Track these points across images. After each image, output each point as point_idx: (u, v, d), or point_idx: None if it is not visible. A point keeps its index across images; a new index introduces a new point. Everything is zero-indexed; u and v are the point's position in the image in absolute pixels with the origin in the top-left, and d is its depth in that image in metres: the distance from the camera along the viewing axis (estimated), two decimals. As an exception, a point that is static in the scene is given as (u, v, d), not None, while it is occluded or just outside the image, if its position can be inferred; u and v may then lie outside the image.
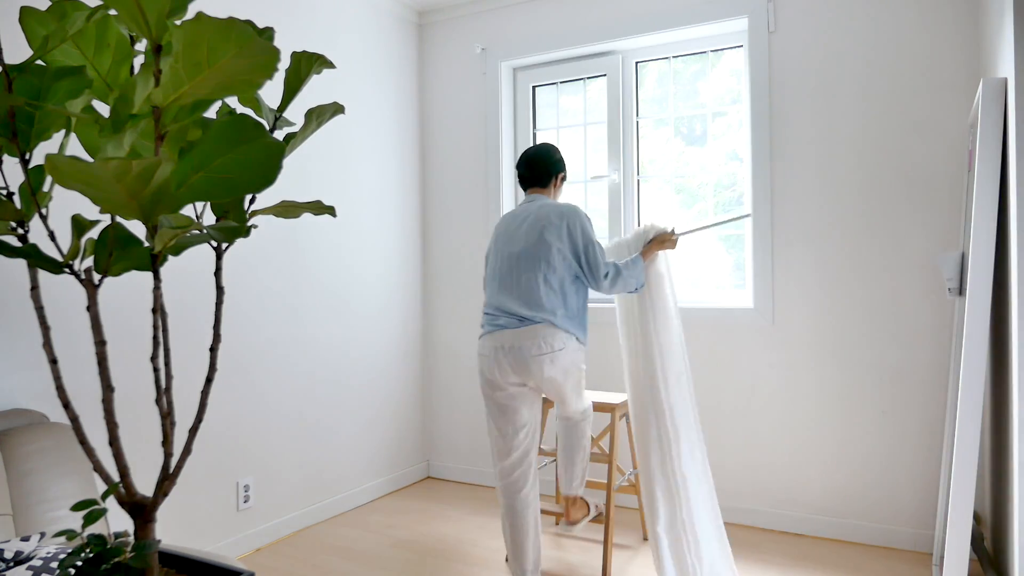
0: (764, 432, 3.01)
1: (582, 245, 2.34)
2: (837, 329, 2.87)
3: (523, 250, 2.36)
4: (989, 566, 2.31)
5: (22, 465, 1.76)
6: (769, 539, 2.90)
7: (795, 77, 2.93)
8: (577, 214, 2.37)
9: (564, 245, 2.33)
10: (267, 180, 0.80)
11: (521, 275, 2.35)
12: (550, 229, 2.34)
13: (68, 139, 0.94)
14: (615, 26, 3.29)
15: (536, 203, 2.45)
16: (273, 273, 2.95)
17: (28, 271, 0.89)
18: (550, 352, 2.28)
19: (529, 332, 2.30)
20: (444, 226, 3.82)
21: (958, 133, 2.66)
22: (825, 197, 2.89)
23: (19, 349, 2.08)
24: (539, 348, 2.28)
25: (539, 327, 2.29)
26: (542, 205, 2.43)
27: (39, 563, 1.46)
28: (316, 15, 3.16)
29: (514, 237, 2.41)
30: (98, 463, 0.86)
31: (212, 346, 0.94)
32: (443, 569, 2.67)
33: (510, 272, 2.38)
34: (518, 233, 2.41)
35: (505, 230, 2.46)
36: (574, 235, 2.34)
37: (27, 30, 0.86)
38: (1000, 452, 2.22)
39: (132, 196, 0.71)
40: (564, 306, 2.33)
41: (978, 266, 2.07)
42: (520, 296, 2.34)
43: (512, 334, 2.32)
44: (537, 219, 2.38)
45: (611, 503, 2.60)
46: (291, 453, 3.04)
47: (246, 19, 0.73)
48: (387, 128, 3.61)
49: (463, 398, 3.77)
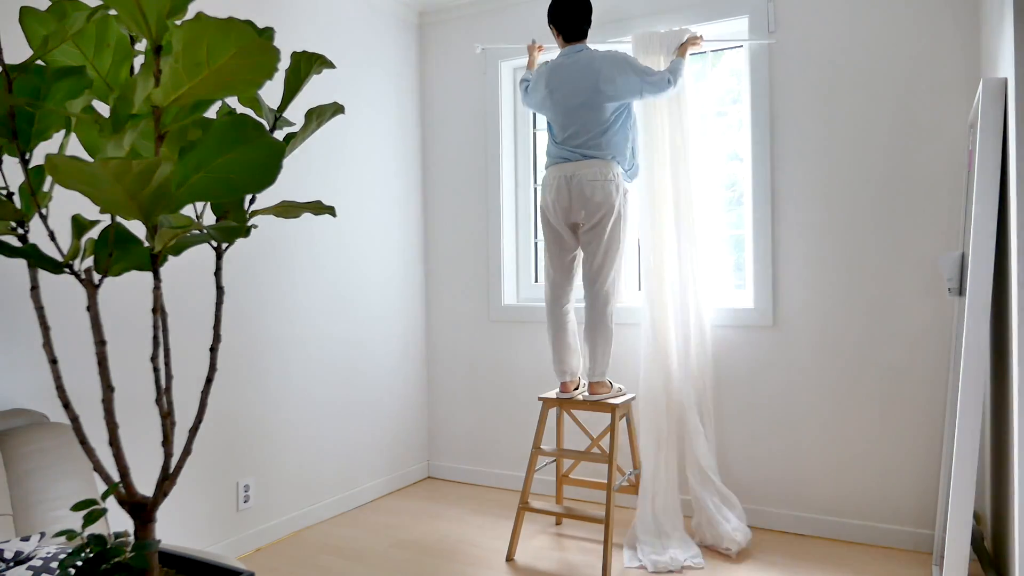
0: (764, 432, 3.01)
1: (639, 74, 2.73)
2: (837, 329, 2.87)
3: (583, 103, 2.72)
4: (989, 566, 2.31)
5: (22, 465, 1.76)
6: (769, 539, 2.91)
7: (795, 77, 2.93)
8: (621, 57, 2.75)
9: (618, 90, 2.72)
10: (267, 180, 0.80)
11: (580, 123, 2.74)
12: (602, 80, 2.70)
13: (68, 139, 0.94)
14: (615, 26, 3.29)
15: (581, 53, 2.77)
16: (273, 273, 2.95)
17: (28, 271, 0.89)
18: (602, 180, 2.70)
19: (588, 163, 2.73)
20: (445, 226, 3.82)
21: (958, 133, 2.66)
22: (825, 197, 2.89)
23: (19, 349, 2.08)
24: (593, 176, 2.70)
25: (598, 161, 2.72)
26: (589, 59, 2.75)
27: (39, 563, 1.46)
28: (316, 15, 3.16)
29: (568, 91, 2.75)
30: (98, 463, 0.86)
31: (212, 346, 0.95)
32: (443, 569, 2.67)
33: (570, 119, 2.76)
34: (571, 88, 2.75)
35: (557, 85, 2.78)
36: (624, 69, 2.72)
37: (27, 30, 0.86)
38: (1000, 452, 2.22)
39: (132, 196, 0.71)
40: (618, 138, 2.76)
41: (978, 266, 2.07)
42: (581, 139, 2.75)
43: (574, 165, 2.75)
44: (588, 73, 2.72)
45: (611, 503, 2.60)
46: (291, 453, 3.04)
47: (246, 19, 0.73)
48: (387, 128, 3.61)
49: (464, 398, 3.77)
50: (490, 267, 3.67)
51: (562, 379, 2.91)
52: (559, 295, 2.90)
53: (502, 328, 3.65)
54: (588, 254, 2.79)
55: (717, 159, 3.24)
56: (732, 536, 2.73)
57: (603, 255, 2.75)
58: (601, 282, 2.77)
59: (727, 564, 2.66)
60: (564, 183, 2.74)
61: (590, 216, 2.72)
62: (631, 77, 2.71)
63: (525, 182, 3.71)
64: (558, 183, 2.75)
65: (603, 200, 2.69)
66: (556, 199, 2.76)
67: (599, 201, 2.69)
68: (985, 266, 2.06)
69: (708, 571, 2.62)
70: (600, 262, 2.76)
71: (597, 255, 2.76)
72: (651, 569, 2.61)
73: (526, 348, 3.57)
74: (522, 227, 3.72)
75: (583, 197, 2.70)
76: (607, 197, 2.69)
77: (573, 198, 2.72)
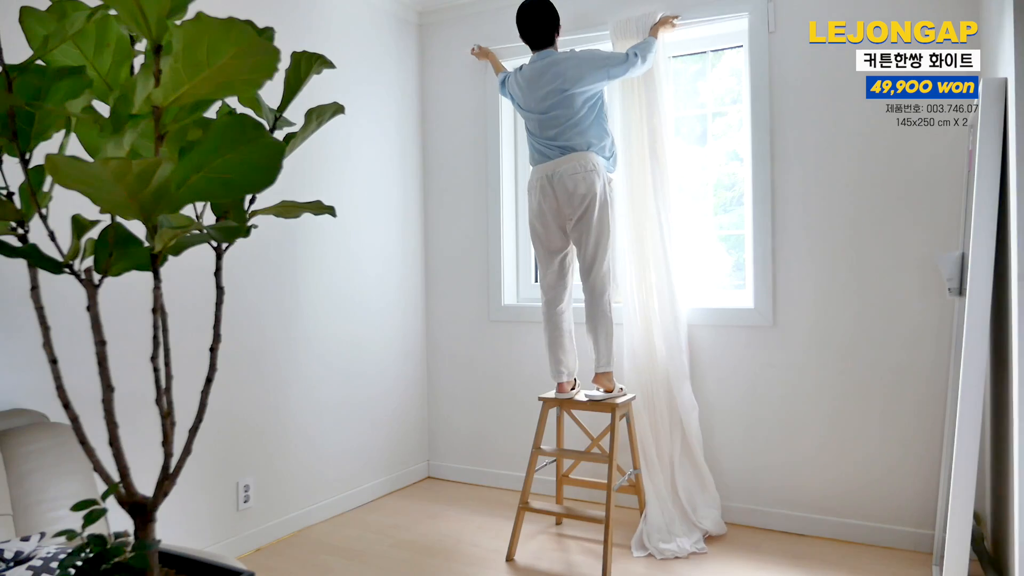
0: (764, 432, 3.01)
1: (603, 67, 2.78)
2: (837, 329, 2.87)
3: (553, 103, 2.79)
4: (989, 566, 2.31)
5: (22, 465, 1.76)
6: (769, 539, 2.90)
7: (795, 77, 2.93)
8: (581, 53, 2.83)
9: (586, 86, 2.77)
10: (267, 180, 0.80)
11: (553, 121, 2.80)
12: (567, 81, 2.76)
13: (68, 139, 0.94)
14: (615, 26, 3.28)
15: (548, 57, 2.85)
16: (273, 273, 2.95)
17: (28, 271, 0.89)
18: (583, 172, 2.73)
19: (567, 158, 2.77)
20: (445, 226, 3.82)
21: (958, 133, 2.66)
22: (825, 197, 2.89)
23: (19, 349, 2.08)
24: (573, 169, 2.74)
25: (577, 154, 2.77)
26: (553, 61, 2.82)
27: (39, 563, 1.46)
28: (316, 15, 3.16)
29: (538, 93, 2.82)
30: (98, 463, 0.86)
31: (212, 346, 0.95)
32: (443, 569, 2.67)
33: (544, 120, 2.82)
34: (540, 91, 2.82)
35: (528, 89, 2.86)
36: (589, 67, 2.77)
37: (27, 30, 0.86)
38: (1000, 452, 2.22)
39: (132, 196, 0.71)
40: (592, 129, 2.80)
41: (978, 266, 2.07)
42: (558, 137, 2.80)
43: (554, 163, 2.79)
44: (555, 75, 2.78)
45: (611, 503, 2.60)
46: (291, 453, 3.04)
47: (246, 19, 0.73)
48: (387, 128, 3.61)
49: (464, 398, 3.77)
50: (490, 267, 3.67)
51: (558, 380, 2.92)
52: (553, 298, 2.94)
53: (502, 328, 3.65)
54: (580, 247, 2.81)
55: (703, 153, 3.24)
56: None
57: (594, 245, 2.78)
58: (596, 271, 2.80)
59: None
60: (547, 182, 2.79)
61: (576, 208, 2.75)
62: (596, 71, 2.78)
63: (525, 182, 3.71)
64: (541, 183, 2.81)
65: (586, 191, 2.73)
66: (542, 200, 2.82)
67: (583, 193, 2.73)
68: (985, 266, 2.06)
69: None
70: (592, 252, 2.79)
71: (588, 246, 2.79)
72: (659, 557, 2.70)
73: (526, 348, 3.57)
74: (522, 227, 3.72)
75: (567, 192, 2.74)
76: (590, 187, 2.73)
77: (559, 195, 2.77)
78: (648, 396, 3.03)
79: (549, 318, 2.94)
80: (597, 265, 2.79)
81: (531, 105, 2.86)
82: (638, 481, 2.96)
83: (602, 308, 2.82)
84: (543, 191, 2.80)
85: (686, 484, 2.95)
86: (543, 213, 2.82)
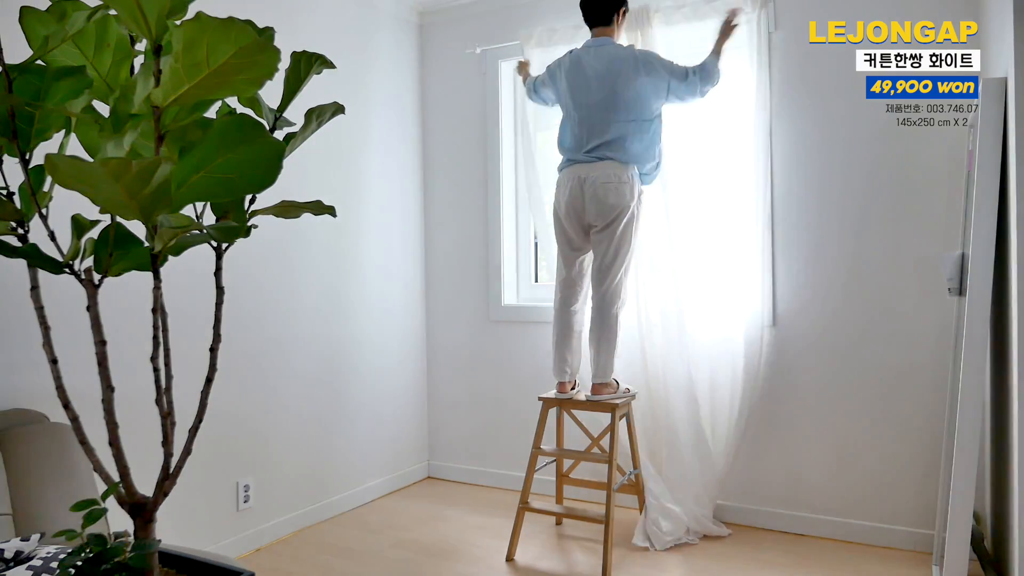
0: (764, 432, 3.01)
1: (667, 77, 2.67)
2: (837, 329, 2.87)
3: (599, 101, 2.68)
4: (989, 566, 2.31)
5: (22, 465, 1.76)
6: (769, 539, 2.90)
7: (795, 76, 2.92)
8: (649, 55, 2.71)
9: (640, 92, 2.66)
10: (267, 180, 0.80)
11: (598, 123, 2.69)
12: (621, 80, 2.65)
13: (68, 139, 0.94)
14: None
15: (604, 48, 2.72)
16: (273, 273, 2.95)
17: (28, 271, 0.90)
18: (616, 182, 2.65)
19: (602, 165, 2.68)
20: (445, 226, 3.82)
21: (958, 133, 2.66)
22: (825, 197, 2.89)
23: (19, 349, 2.08)
24: (607, 178, 2.65)
25: (612, 163, 2.67)
26: (611, 56, 2.69)
27: (39, 563, 1.46)
28: (316, 15, 3.16)
29: (588, 88, 2.70)
30: (98, 463, 0.86)
31: (212, 346, 0.95)
32: (443, 569, 2.67)
33: (588, 119, 2.71)
34: (591, 85, 2.69)
35: (576, 81, 2.73)
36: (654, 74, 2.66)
37: (27, 30, 0.86)
38: (1000, 452, 2.22)
39: (132, 196, 0.71)
40: (639, 146, 2.70)
41: (978, 266, 2.07)
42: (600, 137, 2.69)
43: (587, 167, 2.70)
44: (608, 72, 2.66)
45: (611, 503, 2.60)
46: (291, 453, 3.04)
47: (246, 19, 0.73)
48: (387, 128, 3.61)
49: (464, 398, 3.77)
50: (490, 267, 3.67)
51: (560, 379, 2.90)
52: (568, 296, 2.89)
53: (502, 328, 3.65)
54: (598, 253, 2.77)
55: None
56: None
57: (613, 255, 2.72)
58: (609, 281, 2.75)
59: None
60: (577, 184, 2.71)
61: (603, 218, 2.68)
62: (656, 79, 2.65)
63: (525, 182, 3.70)
64: (571, 184, 2.73)
65: (616, 202, 2.66)
66: (569, 200, 2.74)
67: (612, 203, 2.66)
68: (985, 266, 2.06)
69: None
70: (609, 261, 2.73)
71: (607, 254, 2.73)
72: (658, 547, 2.78)
73: (526, 348, 3.57)
74: (522, 227, 3.72)
75: (596, 199, 2.67)
76: (620, 199, 2.66)
77: (587, 200, 2.69)
78: (648, 395, 3.03)
79: (561, 316, 2.89)
80: (611, 276, 2.74)
81: (577, 96, 2.72)
82: (638, 481, 2.96)
83: (609, 321, 2.77)
84: (572, 192, 2.72)
85: (685, 483, 2.94)
86: (570, 213, 2.75)
